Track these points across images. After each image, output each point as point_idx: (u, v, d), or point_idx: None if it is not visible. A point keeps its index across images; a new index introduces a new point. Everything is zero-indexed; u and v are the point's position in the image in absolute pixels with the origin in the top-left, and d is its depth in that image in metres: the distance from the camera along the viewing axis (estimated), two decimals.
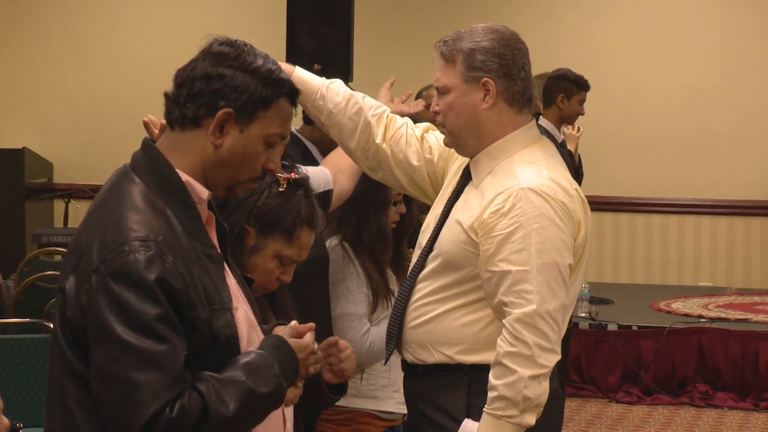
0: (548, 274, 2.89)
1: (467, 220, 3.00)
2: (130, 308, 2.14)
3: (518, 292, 2.88)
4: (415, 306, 3.11)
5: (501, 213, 2.92)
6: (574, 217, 2.96)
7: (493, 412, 2.88)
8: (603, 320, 7.95)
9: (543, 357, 2.87)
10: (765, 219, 9.74)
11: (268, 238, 2.87)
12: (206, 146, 2.30)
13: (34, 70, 10.63)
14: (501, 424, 2.87)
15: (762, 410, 7.50)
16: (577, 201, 2.99)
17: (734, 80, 9.75)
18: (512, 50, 3.03)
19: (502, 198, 2.93)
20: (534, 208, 2.90)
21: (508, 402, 2.86)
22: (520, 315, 2.87)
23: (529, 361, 2.86)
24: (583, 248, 3.02)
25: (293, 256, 2.89)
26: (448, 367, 3.05)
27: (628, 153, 9.88)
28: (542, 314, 2.87)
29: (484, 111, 3.03)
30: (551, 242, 2.90)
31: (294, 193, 2.89)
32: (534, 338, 2.86)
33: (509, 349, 2.87)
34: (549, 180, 2.95)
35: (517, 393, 2.85)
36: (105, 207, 2.28)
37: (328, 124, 3.28)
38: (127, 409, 2.13)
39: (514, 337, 2.87)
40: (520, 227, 2.89)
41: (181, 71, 2.32)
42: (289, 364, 2.33)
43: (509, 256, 2.90)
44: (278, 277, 2.90)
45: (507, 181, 2.96)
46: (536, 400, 2.87)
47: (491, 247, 2.92)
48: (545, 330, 2.87)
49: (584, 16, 9.99)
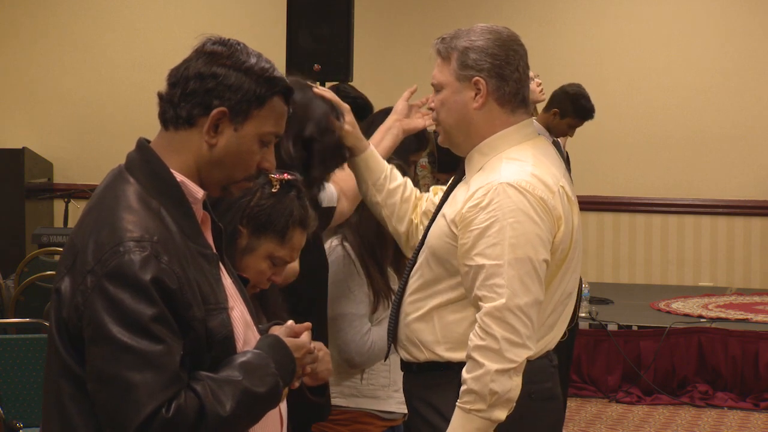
0: (521, 269, 2.88)
1: (450, 213, 3.02)
2: (126, 308, 2.14)
3: (490, 286, 2.88)
4: (408, 302, 3.12)
5: (480, 207, 2.93)
6: (554, 213, 2.94)
7: (462, 405, 2.89)
8: (603, 320, 7.95)
9: (512, 351, 2.86)
10: (765, 219, 9.74)
11: (260, 238, 2.88)
12: (201, 146, 2.30)
13: (34, 70, 10.64)
14: (470, 417, 2.87)
15: (762, 410, 7.50)
16: (559, 197, 2.97)
17: (734, 80, 9.74)
18: (507, 51, 3.03)
19: (482, 192, 2.94)
20: (511, 202, 2.90)
21: (476, 396, 2.86)
22: (489, 309, 2.87)
23: (497, 355, 2.85)
24: (569, 245, 3.00)
25: (285, 256, 2.90)
26: (438, 365, 3.05)
27: (628, 153, 9.88)
28: (512, 308, 2.86)
29: (474, 110, 3.03)
30: (526, 237, 2.89)
31: (287, 194, 2.90)
32: (502, 332, 2.85)
33: (478, 343, 2.87)
34: (530, 176, 2.95)
35: (483, 387, 2.85)
36: (100, 207, 2.27)
37: (383, 203, 3.35)
38: (124, 410, 2.13)
39: (483, 331, 2.87)
40: (496, 221, 2.90)
41: (174, 71, 2.32)
42: (286, 363, 2.33)
43: (484, 250, 2.90)
44: (270, 277, 2.90)
45: (490, 177, 2.97)
46: (505, 395, 2.86)
47: (468, 241, 2.93)
48: (515, 324, 2.86)
49: (584, 16, 9.99)
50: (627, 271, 9.92)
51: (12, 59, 10.67)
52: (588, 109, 6.64)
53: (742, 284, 9.66)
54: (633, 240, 9.92)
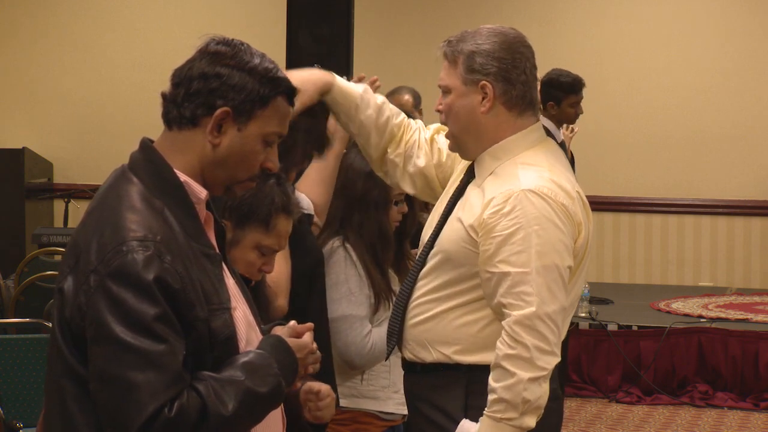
0: (548, 276, 2.88)
1: (468, 218, 3.00)
2: (129, 308, 2.14)
3: (518, 294, 2.88)
4: (416, 304, 3.11)
5: (501, 214, 2.91)
6: (575, 219, 2.95)
7: (492, 414, 2.88)
8: (603, 320, 7.95)
9: (542, 359, 2.86)
10: (765, 219, 9.74)
11: (245, 229, 2.87)
12: (204, 146, 2.30)
13: (34, 70, 10.63)
14: (501, 426, 2.87)
15: (762, 410, 7.49)
16: (578, 203, 2.98)
17: (734, 80, 9.75)
18: (513, 54, 3.02)
19: (502, 198, 2.93)
20: (534, 209, 2.90)
21: (508, 404, 2.86)
22: (519, 317, 2.87)
23: (528, 364, 2.85)
24: (585, 251, 3.02)
25: (273, 245, 2.89)
26: (446, 366, 3.05)
27: (628, 153, 9.88)
28: (541, 316, 2.86)
29: (481, 114, 3.03)
30: (551, 244, 2.89)
31: (266, 183, 2.88)
32: (533, 340, 2.86)
33: (508, 352, 2.87)
34: (550, 182, 2.95)
35: (516, 395, 2.85)
36: (103, 207, 2.27)
37: (356, 133, 3.27)
38: (126, 409, 2.13)
39: (513, 339, 2.87)
40: (521, 228, 2.89)
41: (178, 71, 2.32)
42: (288, 363, 2.33)
43: (509, 258, 2.89)
44: (260, 267, 2.90)
45: (508, 182, 2.96)
46: (536, 402, 2.87)
47: (491, 247, 2.92)
48: (544, 332, 2.87)
49: (584, 16, 9.99)
50: (627, 271, 9.92)
51: (12, 59, 10.66)
52: (573, 79, 6.68)
53: (742, 284, 9.66)
54: (633, 240, 9.92)
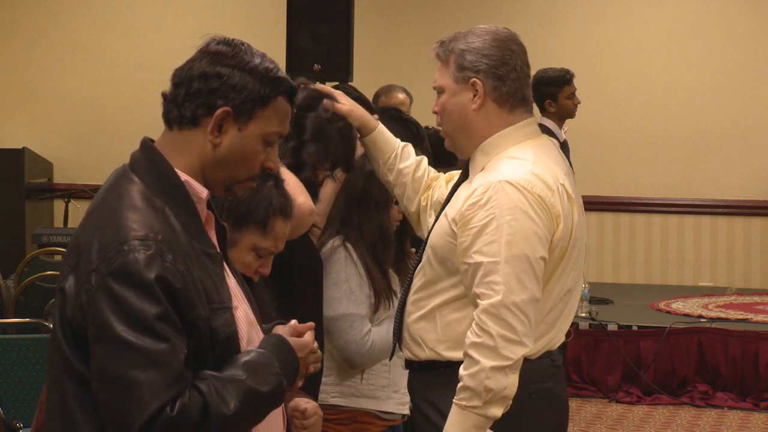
0: (517, 266, 2.89)
1: (451, 212, 3.03)
2: (130, 307, 2.14)
3: (487, 283, 2.90)
4: (412, 300, 3.14)
5: (479, 205, 2.94)
6: (552, 211, 2.95)
7: (459, 402, 2.90)
8: (603, 320, 7.95)
9: (507, 348, 2.86)
10: (765, 219, 9.74)
11: (242, 231, 2.87)
12: (205, 145, 2.30)
13: (34, 70, 10.63)
14: (466, 414, 2.89)
15: (762, 410, 7.49)
16: (559, 195, 2.98)
17: (734, 80, 9.75)
18: (503, 51, 3.04)
19: (481, 190, 2.96)
20: (509, 200, 2.91)
21: (472, 392, 2.87)
22: (486, 306, 2.88)
23: (493, 352, 2.86)
24: (568, 244, 3.01)
25: (269, 247, 2.89)
26: (439, 364, 3.07)
27: (628, 153, 9.88)
28: (508, 305, 2.87)
29: (473, 111, 3.05)
30: (523, 234, 2.90)
31: (264, 184, 2.88)
32: (498, 329, 2.86)
33: (474, 340, 2.89)
34: (530, 174, 2.96)
35: (479, 383, 2.86)
36: (104, 207, 2.27)
37: (394, 182, 3.40)
38: (128, 408, 2.13)
39: (479, 328, 2.88)
40: (494, 219, 2.91)
41: (178, 71, 2.32)
42: (290, 362, 2.33)
43: (482, 248, 2.92)
44: (257, 270, 2.89)
45: (490, 175, 2.98)
46: (501, 392, 2.87)
47: (467, 239, 2.95)
48: (511, 321, 2.87)
49: (584, 16, 9.99)
50: (627, 271, 9.92)
51: (12, 59, 10.66)
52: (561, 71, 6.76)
53: (742, 284, 9.66)
54: (633, 240, 9.92)
